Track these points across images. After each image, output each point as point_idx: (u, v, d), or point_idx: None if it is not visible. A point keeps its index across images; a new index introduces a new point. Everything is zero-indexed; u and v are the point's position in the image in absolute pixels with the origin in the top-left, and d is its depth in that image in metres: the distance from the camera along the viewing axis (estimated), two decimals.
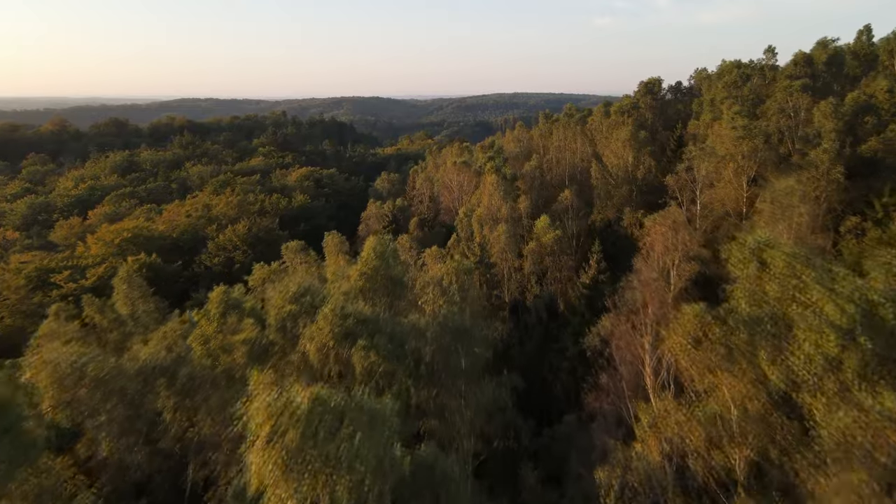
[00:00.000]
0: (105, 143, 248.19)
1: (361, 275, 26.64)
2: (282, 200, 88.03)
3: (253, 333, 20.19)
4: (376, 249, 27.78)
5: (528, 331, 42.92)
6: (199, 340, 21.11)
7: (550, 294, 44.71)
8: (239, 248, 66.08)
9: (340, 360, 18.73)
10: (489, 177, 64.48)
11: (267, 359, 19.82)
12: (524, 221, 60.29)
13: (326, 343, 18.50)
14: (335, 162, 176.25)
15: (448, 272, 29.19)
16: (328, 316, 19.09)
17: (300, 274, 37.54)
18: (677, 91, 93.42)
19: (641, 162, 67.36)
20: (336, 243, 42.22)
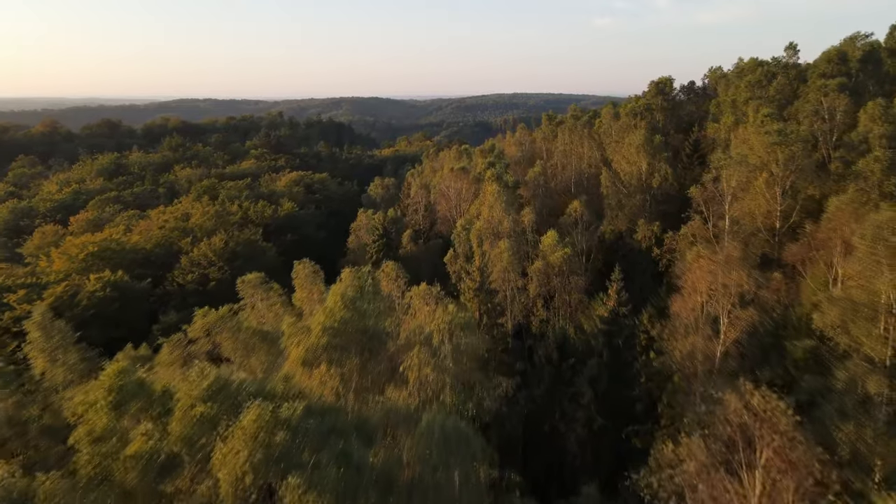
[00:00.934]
0: (97, 145, 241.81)
1: (325, 330, 20.26)
2: (267, 209, 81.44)
3: (147, 445, 13.72)
4: (345, 296, 21.36)
5: (536, 370, 36.45)
6: (86, 441, 14.58)
7: (562, 330, 38.15)
8: (214, 264, 59.53)
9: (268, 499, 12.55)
10: (490, 186, 57.97)
11: (170, 481, 13.56)
12: (529, 236, 53.77)
13: (244, 474, 12.24)
14: (330, 164, 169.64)
15: (439, 326, 22.81)
16: (250, 431, 12.74)
17: (259, 312, 31.04)
18: (690, 91, 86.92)
19: (657, 169, 60.88)
20: (307, 274, 35.47)
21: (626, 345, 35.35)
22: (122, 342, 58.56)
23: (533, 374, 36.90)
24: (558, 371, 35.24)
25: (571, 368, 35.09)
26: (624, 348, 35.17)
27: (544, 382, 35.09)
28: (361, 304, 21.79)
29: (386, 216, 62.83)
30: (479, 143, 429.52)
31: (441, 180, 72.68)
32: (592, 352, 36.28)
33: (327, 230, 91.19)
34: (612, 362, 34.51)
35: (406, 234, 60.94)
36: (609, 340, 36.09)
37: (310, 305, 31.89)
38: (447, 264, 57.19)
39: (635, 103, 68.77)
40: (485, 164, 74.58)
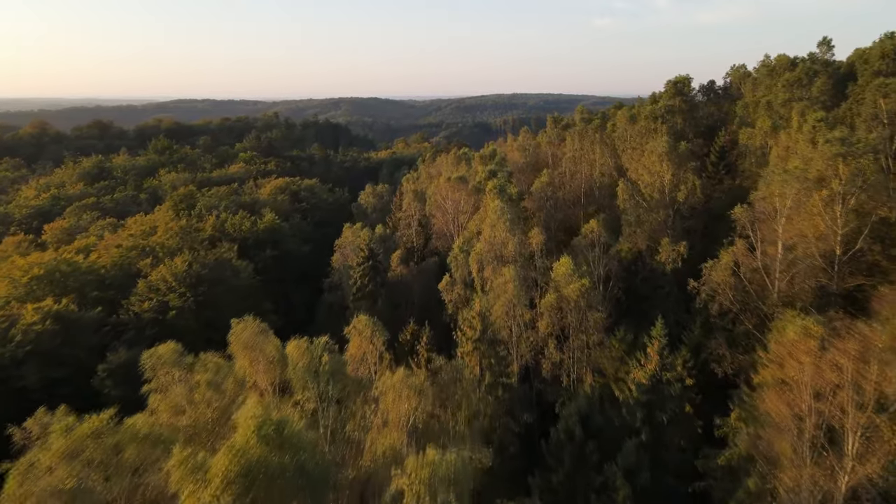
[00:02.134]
0: (86, 147, 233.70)
1: (229, 482, 12.14)
2: (246, 221, 73.09)
3: None
4: (262, 431, 13.13)
5: (554, 448, 28.09)
6: None
7: (587, 398, 29.70)
8: (175, 290, 51.19)
9: None
10: (491, 201, 49.68)
11: None
12: (538, 261, 45.44)
13: None
14: (323, 168, 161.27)
15: (417, 485, 14.48)
16: None
17: (173, 400, 22.57)
18: (710, 92, 78.54)
19: (682, 181, 52.58)
20: (248, 338, 26.55)
21: (674, 421, 27.16)
22: (65, 384, 50.47)
23: (549, 450, 28.58)
24: (582, 451, 27.01)
25: (599, 450, 26.87)
26: (671, 426, 27.00)
27: (564, 466, 26.88)
28: (293, 432, 13.62)
29: (373, 234, 54.52)
30: (478, 144, 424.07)
31: (437, 191, 64.39)
32: (628, 428, 28.03)
33: (313, 243, 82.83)
34: (655, 445, 26.40)
35: (396, 254, 52.70)
36: (650, 415, 27.91)
37: (253, 375, 23.60)
38: (443, 292, 48.96)
39: (654, 105, 60.40)
40: (485, 172, 66.22)
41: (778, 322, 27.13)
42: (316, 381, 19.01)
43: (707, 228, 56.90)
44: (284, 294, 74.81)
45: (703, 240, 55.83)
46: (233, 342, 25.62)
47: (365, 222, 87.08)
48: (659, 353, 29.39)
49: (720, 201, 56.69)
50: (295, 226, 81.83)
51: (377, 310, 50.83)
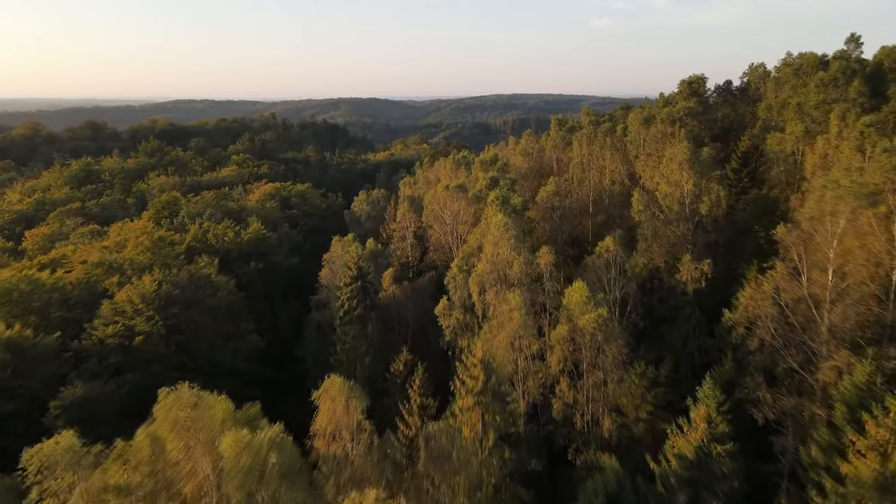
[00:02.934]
0: (79, 149, 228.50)
1: None
2: (229, 231, 67.59)
3: None
4: None
5: None
6: None
7: (615, 475, 24.06)
8: (142, 313, 45.73)
9: None
10: (494, 216, 44.24)
11: None
12: (547, 284, 39.96)
13: None
14: (318, 170, 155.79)
15: None
16: None
17: None
18: (725, 92, 73.06)
19: (706, 191, 47.15)
20: (180, 414, 20.08)
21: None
22: (16, 420, 44.94)
23: None
24: None
25: None
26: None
27: None
28: None
29: (363, 251, 49.06)
30: (478, 145, 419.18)
31: (435, 200, 58.96)
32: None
33: (303, 254, 77.35)
34: None
35: (387, 273, 47.23)
36: (696, 496, 22.49)
37: (188, 462, 18.06)
38: (440, 316, 43.52)
39: (670, 108, 54.88)
40: (486, 180, 60.86)
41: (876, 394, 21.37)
42: (260, 488, 13.85)
43: (731, 243, 51.57)
44: (271, 309, 69.44)
45: (727, 256, 50.52)
46: (159, 419, 19.31)
47: (358, 231, 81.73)
48: (708, 419, 23.89)
49: (745, 213, 51.29)
50: (283, 235, 76.34)
51: (366, 335, 45.46)
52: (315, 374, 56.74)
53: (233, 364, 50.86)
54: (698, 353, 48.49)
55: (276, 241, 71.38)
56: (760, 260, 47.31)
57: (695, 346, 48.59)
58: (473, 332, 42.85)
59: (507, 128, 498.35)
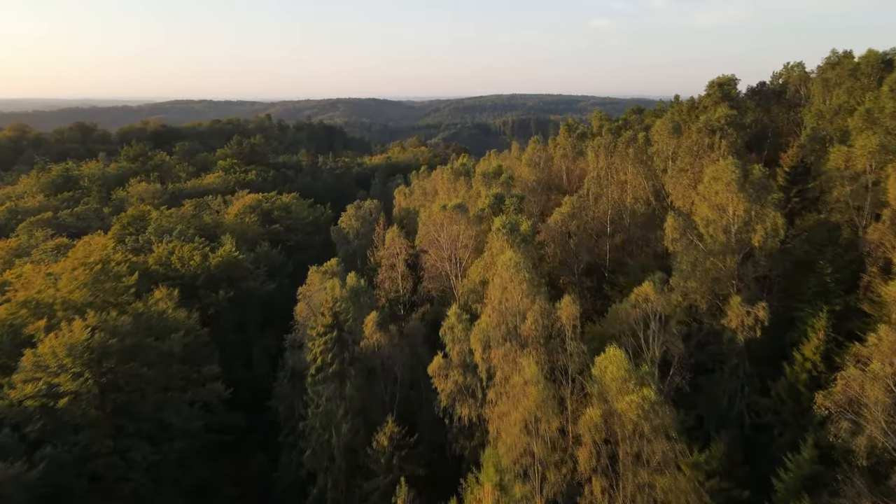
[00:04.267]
0: (66, 151, 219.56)
1: None
2: (195, 254, 58.54)
3: None
4: None
5: None
6: None
7: None
8: (67, 369, 36.75)
9: None
10: (501, 252, 35.38)
11: None
12: (571, 345, 30.93)
13: None
14: (311, 175, 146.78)
15: None
16: None
17: None
18: (758, 95, 64.11)
19: (760, 218, 38.18)
20: None
21: None
22: None
23: None
24: None
25: None
26: None
27: None
28: None
29: (342, 287, 40.02)
30: (477, 146, 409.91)
31: (430, 221, 50.07)
32: None
33: (284, 276, 68.38)
34: None
35: (370, 318, 38.23)
36: None
37: None
38: (434, 377, 34.55)
39: (708, 115, 45.81)
40: (490, 197, 51.91)
41: None
42: None
43: (785, 278, 42.66)
44: (244, 342, 60.46)
45: (781, 293, 41.63)
46: None
47: (346, 249, 72.79)
48: None
49: (802, 242, 42.35)
50: (262, 256, 67.26)
51: (344, 395, 36.50)
52: (288, 430, 47.98)
53: (188, 422, 41.87)
54: (748, 414, 39.78)
55: (251, 265, 62.31)
56: (826, 301, 38.56)
57: (744, 406, 39.80)
58: (476, 397, 33.93)
59: (507, 128, 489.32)
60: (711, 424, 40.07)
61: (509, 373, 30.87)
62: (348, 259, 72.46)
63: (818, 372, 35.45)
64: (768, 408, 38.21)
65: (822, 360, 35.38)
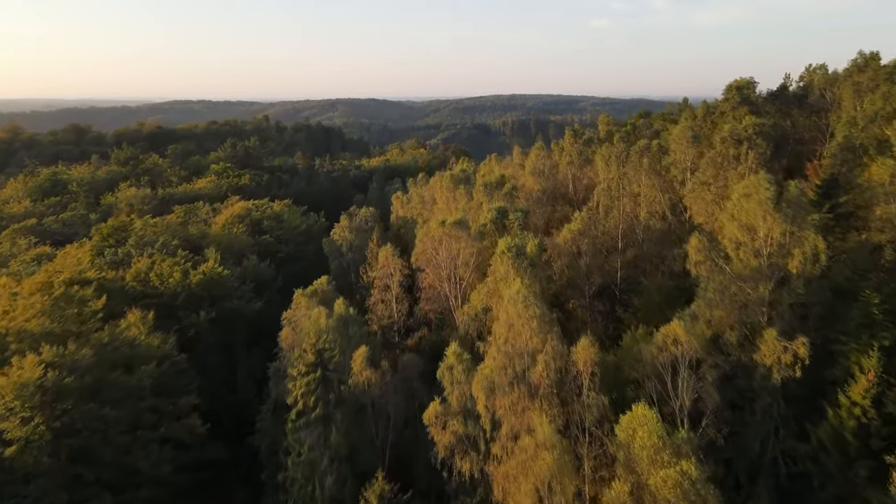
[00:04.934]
0: (60, 153, 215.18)
1: None
2: (175, 270, 54.05)
3: None
4: None
5: None
6: None
7: None
8: (15, 412, 32.25)
9: None
10: (507, 278, 30.95)
11: None
12: (589, 397, 26.46)
13: None
14: (306, 179, 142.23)
15: None
16: None
17: None
18: (778, 99, 59.63)
19: (798, 241, 33.75)
20: None
21: None
22: None
23: None
24: None
25: None
26: None
27: None
28: None
29: (328, 321, 35.49)
30: (477, 147, 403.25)
31: (427, 238, 45.64)
32: None
33: (273, 292, 63.90)
34: None
35: (359, 353, 33.73)
36: None
37: None
38: (430, 426, 30.05)
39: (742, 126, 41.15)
40: (493, 212, 47.44)
41: None
42: None
43: (822, 306, 38.23)
44: (228, 364, 56.00)
45: (820, 325, 37.20)
46: None
47: (339, 263, 68.33)
48: None
49: (839, 264, 37.93)
50: (249, 270, 62.74)
51: (328, 444, 32.06)
52: (271, 470, 43.54)
53: (156, 467, 37.41)
54: (783, 460, 35.37)
55: (237, 280, 57.78)
56: (872, 335, 34.12)
57: (778, 451, 35.40)
58: (479, 450, 29.46)
59: (507, 129, 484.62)
60: (742, 471, 35.72)
61: (517, 426, 26.43)
62: (341, 273, 68.04)
63: (868, 419, 31.11)
64: (807, 454, 33.82)
65: (873, 405, 31.04)
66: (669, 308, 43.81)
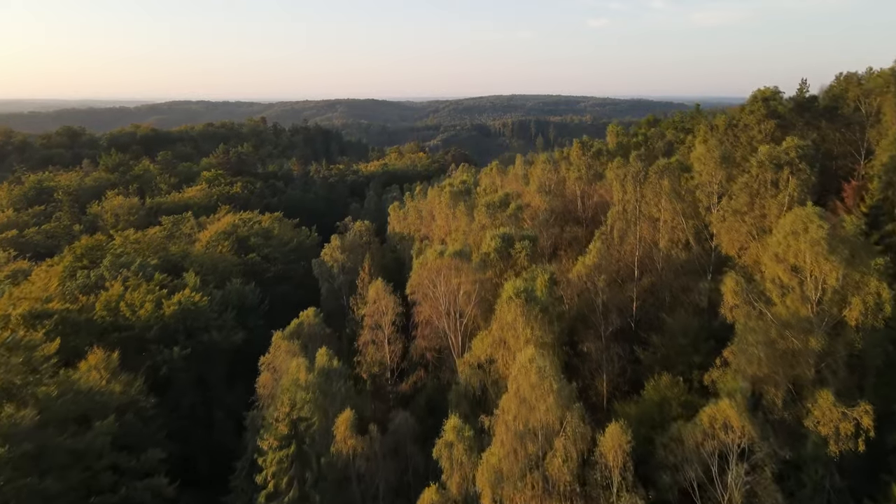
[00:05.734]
0: (52, 157, 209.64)
1: None
2: (147, 300, 48.84)
3: None
4: None
5: None
6: None
7: None
8: None
9: None
10: (516, 338, 25.84)
11: None
12: (623, 497, 21.29)
13: None
14: (301, 186, 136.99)
15: None
16: None
17: None
18: (807, 110, 54.38)
19: (858, 288, 28.59)
20: None
21: None
22: None
23: None
24: None
25: None
26: None
27: None
28: None
29: (309, 376, 30.27)
30: (477, 148, 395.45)
31: (423, 270, 40.41)
32: None
33: (257, 319, 58.71)
34: None
35: (343, 419, 28.46)
36: None
37: None
38: None
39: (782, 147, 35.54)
40: (497, 239, 42.20)
41: None
42: None
43: (877, 356, 33.12)
44: (205, 405, 50.77)
45: (879, 382, 32.03)
46: None
47: (330, 286, 63.08)
48: None
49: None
50: (231, 295, 57.48)
51: None
52: None
53: None
54: None
55: (218, 307, 52.54)
56: None
57: None
58: None
59: (507, 130, 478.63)
60: None
61: None
62: (332, 296, 62.85)
63: None
64: None
65: None
66: (695, 350, 38.84)
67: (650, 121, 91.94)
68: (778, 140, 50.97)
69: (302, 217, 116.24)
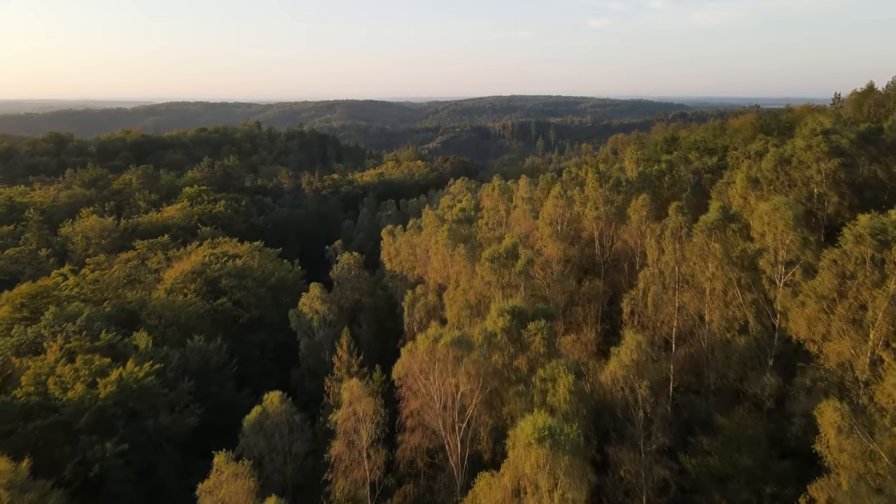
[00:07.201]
0: (38, 165, 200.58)
1: None
2: (79, 380, 39.74)
3: None
4: None
5: None
6: None
7: None
8: None
9: None
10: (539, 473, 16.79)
11: None
12: None
13: None
14: (291, 202, 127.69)
15: None
16: None
17: None
18: (870, 142, 45.23)
19: None
20: None
21: None
22: None
23: None
24: None
25: None
26: None
27: None
28: None
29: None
30: (477, 151, 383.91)
31: (413, 362, 31.32)
32: None
33: (224, 383, 49.60)
34: None
35: None
36: None
37: None
38: None
39: (878, 219, 26.44)
40: (506, 317, 33.09)
41: None
42: None
43: None
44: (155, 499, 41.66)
45: None
46: None
47: (309, 340, 53.95)
48: None
49: None
50: (191, 356, 48.33)
51: None
52: None
53: None
54: None
55: (169, 380, 43.38)
56: None
57: None
58: None
59: (507, 132, 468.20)
60: None
61: None
62: (312, 351, 53.77)
63: None
64: None
65: None
66: (765, 473, 29.84)
67: (668, 139, 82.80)
68: (840, 181, 41.98)
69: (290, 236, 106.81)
